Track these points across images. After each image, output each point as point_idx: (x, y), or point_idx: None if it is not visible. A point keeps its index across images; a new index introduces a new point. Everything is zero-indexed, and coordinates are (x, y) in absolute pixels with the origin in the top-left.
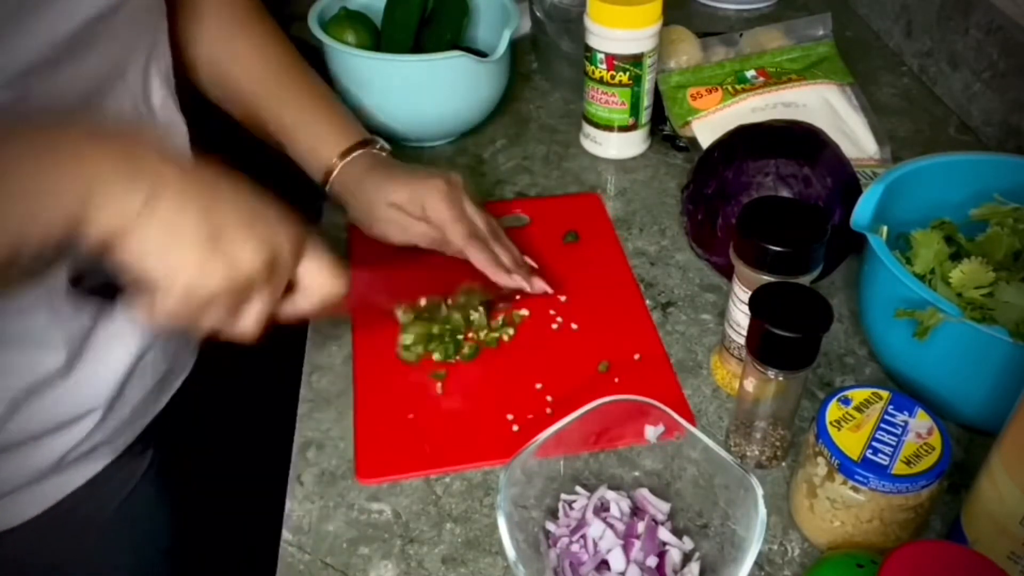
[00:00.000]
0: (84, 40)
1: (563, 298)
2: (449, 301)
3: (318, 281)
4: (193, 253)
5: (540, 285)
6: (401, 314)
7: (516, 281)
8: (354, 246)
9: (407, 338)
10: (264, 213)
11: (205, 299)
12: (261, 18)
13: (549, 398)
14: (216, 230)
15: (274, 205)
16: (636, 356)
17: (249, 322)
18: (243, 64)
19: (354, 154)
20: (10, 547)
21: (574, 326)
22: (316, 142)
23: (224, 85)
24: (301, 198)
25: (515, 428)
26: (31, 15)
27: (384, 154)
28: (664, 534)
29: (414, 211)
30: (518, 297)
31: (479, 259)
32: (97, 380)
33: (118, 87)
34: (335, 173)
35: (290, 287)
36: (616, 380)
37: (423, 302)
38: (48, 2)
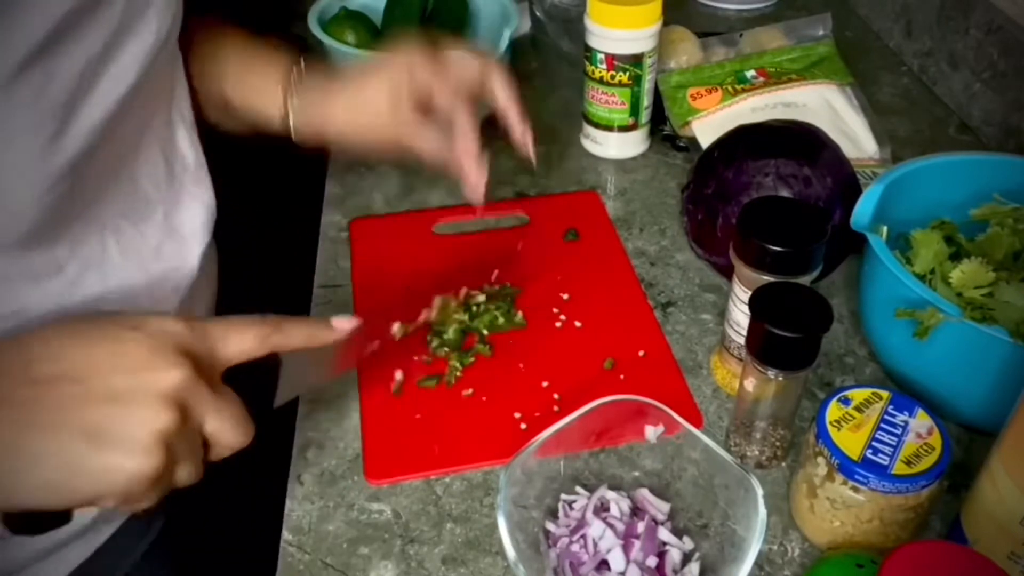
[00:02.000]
0: (118, 116)
1: (565, 296)
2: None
3: (226, 437)
4: (75, 480)
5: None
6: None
7: (477, 187)
8: (356, 247)
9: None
10: (137, 363)
11: (145, 486)
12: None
13: (556, 396)
14: (88, 431)
15: (146, 333)
16: (640, 353)
17: (188, 471)
18: (197, 62)
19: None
20: None
21: (577, 324)
22: (259, 92)
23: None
24: (301, 200)
25: (523, 426)
26: (74, 114)
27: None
28: (664, 534)
29: (406, 101)
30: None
31: (465, 125)
32: None
33: (148, 140)
34: (292, 114)
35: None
36: (622, 377)
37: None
38: (92, 89)
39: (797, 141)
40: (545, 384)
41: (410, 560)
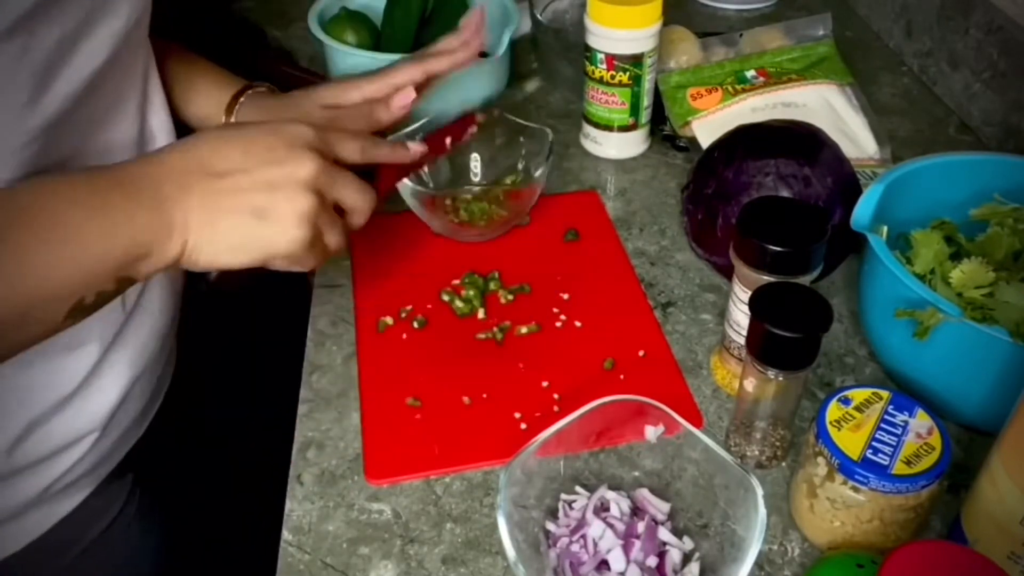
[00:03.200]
0: (90, 89)
1: (566, 296)
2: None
3: (358, 203)
4: (252, 244)
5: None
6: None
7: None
8: (356, 246)
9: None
10: (282, 157)
11: (301, 251)
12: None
13: (556, 396)
14: (255, 210)
15: (284, 135)
16: (640, 353)
17: (335, 238)
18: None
19: (240, 101)
20: None
21: (578, 323)
22: (202, 104)
23: None
24: None
25: (523, 426)
26: (49, 82)
27: (263, 89)
28: (664, 534)
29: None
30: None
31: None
32: (100, 401)
33: (121, 115)
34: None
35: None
36: (621, 377)
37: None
38: (67, 61)
39: (797, 141)
40: (545, 384)
41: (410, 560)
